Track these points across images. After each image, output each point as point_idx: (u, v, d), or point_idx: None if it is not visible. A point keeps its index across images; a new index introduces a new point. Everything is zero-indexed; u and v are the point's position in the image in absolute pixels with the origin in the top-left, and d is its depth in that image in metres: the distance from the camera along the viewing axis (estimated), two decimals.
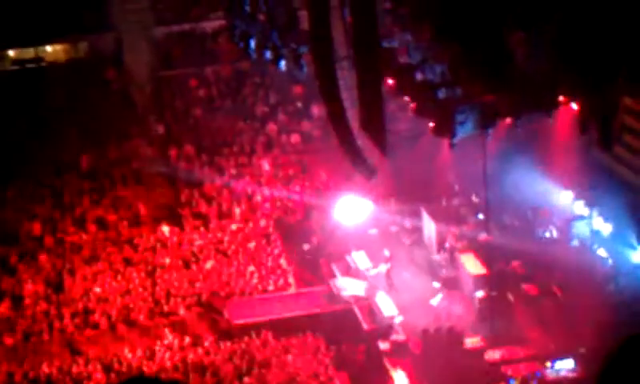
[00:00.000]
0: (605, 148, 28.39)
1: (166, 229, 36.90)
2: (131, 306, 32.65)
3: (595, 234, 33.67)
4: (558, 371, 27.71)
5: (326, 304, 32.56)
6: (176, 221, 37.42)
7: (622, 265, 31.73)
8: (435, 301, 31.29)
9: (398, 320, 30.50)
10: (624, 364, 3.97)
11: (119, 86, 42.33)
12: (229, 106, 42.43)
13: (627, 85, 24.64)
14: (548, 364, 27.79)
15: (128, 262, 35.00)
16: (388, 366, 28.63)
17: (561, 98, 24.27)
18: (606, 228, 33.27)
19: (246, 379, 29.02)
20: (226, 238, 36.32)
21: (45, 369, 30.10)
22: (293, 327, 31.36)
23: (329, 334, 31.05)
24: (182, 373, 29.39)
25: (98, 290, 33.34)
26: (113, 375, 29.40)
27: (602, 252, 32.78)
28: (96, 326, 31.93)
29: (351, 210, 35.42)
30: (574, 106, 25.04)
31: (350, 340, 30.64)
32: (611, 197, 32.61)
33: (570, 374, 27.56)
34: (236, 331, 31.50)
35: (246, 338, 31.02)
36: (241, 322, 31.81)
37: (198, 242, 36.12)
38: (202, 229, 36.93)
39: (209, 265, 34.76)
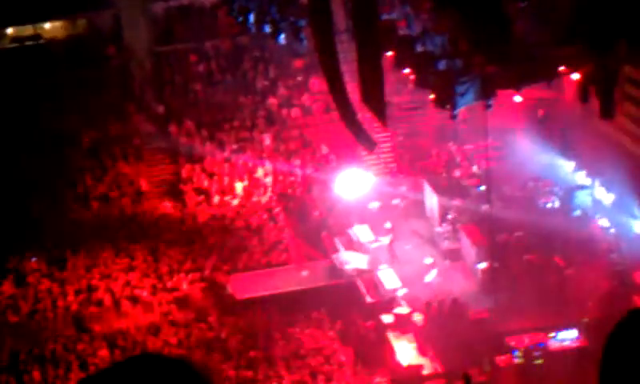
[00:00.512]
0: (606, 117, 28.35)
1: (168, 205, 36.95)
2: (135, 282, 32.72)
3: (597, 203, 33.68)
4: (561, 341, 27.73)
5: (329, 278, 32.61)
6: (178, 196, 37.46)
7: (624, 234, 31.74)
8: (429, 277, 31.26)
9: (402, 293, 30.53)
10: (628, 341, 3.94)
11: (118, 63, 42.23)
12: (229, 81, 42.35)
13: (628, 54, 24.60)
14: (551, 334, 27.80)
15: (131, 238, 35.04)
16: (392, 338, 28.67)
17: (561, 68, 24.22)
18: (607, 198, 33.26)
19: (251, 353, 29.07)
20: (228, 213, 36.36)
21: (49, 346, 30.18)
22: (296, 301, 31.40)
23: (332, 307, 31.11)
24: (186, 348, 29.46)
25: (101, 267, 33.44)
26: (117, 351, 29.47)
27: (603, 222, 32.79)
28: (100, 303, 31.99)
29: (353, 183, 35.43)
30: (575, 75, 25.00)
31: (354, 313, 30.70)
32: (613, 166, 32.59)
33: (573, 344, 27.58)
34: (240, 306, 31.54)
35: (249, 313, 31.07)
36: (244, 296, 31.87)
37: (200, 218, 36.17)
38: (203, 204, 36.96)
39: (211, 240, 34.81)
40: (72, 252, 34.21)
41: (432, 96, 24.17)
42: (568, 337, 27.73)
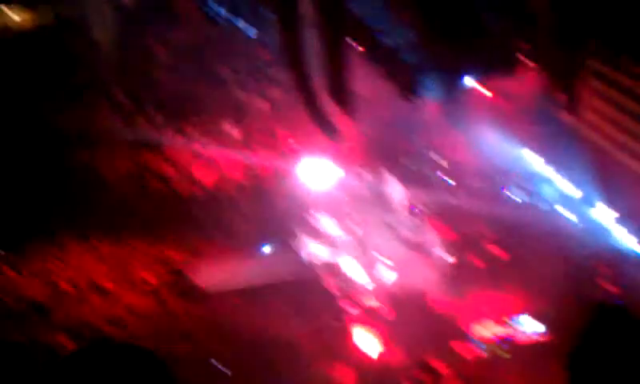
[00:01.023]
0: (570, 110, 28.48)
1: (131, 193, 36.70)
2: (97, 270, 32.48)
3: (562, 196, 33.79)
4: (526, 333, 27.86)
5: (293, 268, 32.53)
6: (141, 185, 37.20)
7: (589, 228, 31.89)
8: (390, 273, 31.20)
9: (366, 284, 30.51)
10: (595, 334, 3.89)
11: (83, 51, 41.87)
12: (194, 71, 42.10)
13: (597, 49, 24.71)
14: (515, 326, 27.91)
15: (93, 225, 34.75)
16: (356, 330, 28.66)
17: (525, 60, 24.29)
18: (572, 191, 33.38)
19: (217, 344, 28.99)
20: (192, 203, 36.18)
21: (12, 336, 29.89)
22: (259, 291, 31.31)
23: (295, 298, 31.05)
24: (151, 338, 29.31)
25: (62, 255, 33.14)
26: (80, 342, 29.27)
27: (568, 215, 32.92)
28: (62, 293, 31.70)
29: (317, 173, 35.34)
30: (540, 68, 25.07)
31: (317, 304, 30.67)
32: (579, 160, 32.71)
33: (539, 337, 27.72)
34: (203, 295, 31.40)
35: (213, 302, 30.94)
36: (208, 286, 31.74)
37: (163, 207, 35.98)
38: (167, 193, 36.74)
39: (175, 229, 34.63)
40: (31, 237, 33.84)
41: (397, 86, 24.18)
42: (531, 329, 27.86)
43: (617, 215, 31.05)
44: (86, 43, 42.02)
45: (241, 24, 32.21)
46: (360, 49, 25.86)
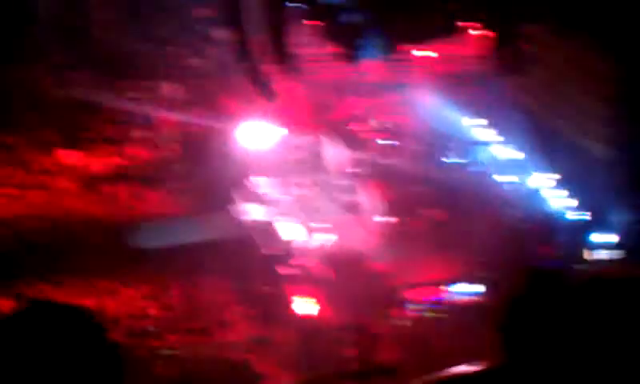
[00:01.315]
0: (508, 74, 28.56)
1: (67, 154, 36.31)
2: (30, 230, 32.16)
3: (498, 160, 34.01)
4: (457, 295, 28.07)
5: (227, 229, 32.43)
6: (75, 144, 36.78)
7: (523, 192, 32.15)
8: (318, 241, 31.14)
9: (300, 245, 30.50)
10: (528, 298, 3.84)
11: (19, 9, 41.16)
12: (130, 28, 41.58)
13: (534, 13, 24.75)
14: (448, 288, 28.12)
15: (25, 185, 34.35)
16: (289, 290, 28.67)
17: (465, 25, 24.28)
18: (508, 155, 33.60)
19: (150, 301, 28.92)
20: (128, 163, 35.89)
21: None
22: (193, 252, 31.19)
23: (229, 259, 30.98)
24: (86, 298, 29.07)
25: None
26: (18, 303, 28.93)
27: (503, 178, 33.14)
28: None
29: (253, 134, 35.17)
30: (479, 32, 25.06)
31: (252, 266, 30.62)
32: (514, 124, 32.90)
33: (469, 298, 27.94)
34: (138, 255, 31.21)
35: (148, 263, 30.77)
36: (143, 246, 31.54)
37: (100, 168, 35.64)
38: (103, 154, 36.38)
39: (109, 189, 34.35)
40: None
41: (336, 48, 24.06)
42: (464, 291, 28.09)
43: (552, 180, 31.32)
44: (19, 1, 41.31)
45: None
46: (299, 8, 25.67)
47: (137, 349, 26.56)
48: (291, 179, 34.22)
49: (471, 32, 25.39)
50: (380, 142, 35.24)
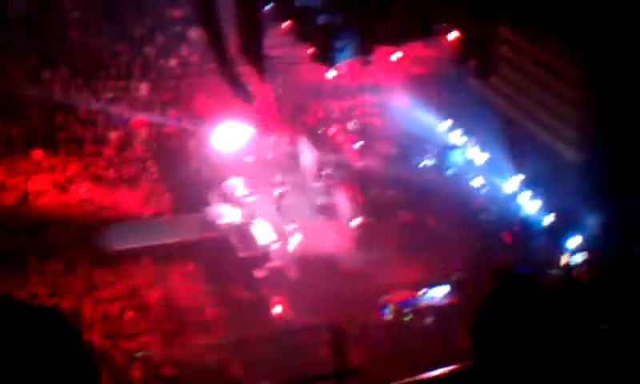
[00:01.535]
0: (481, 78, 28.73)
1: (39, 152, 36.20)
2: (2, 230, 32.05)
3: (470, 163, 34.18)
4: (431, 298, 28.16)
5: (202, 231, 32.46)
6: (50, 145, 36.69)
7: (495, 194, 32.31)
8: (293, 243, 31.18)
9: (275, 247, 30.54)
10: (497, 300, 3.96)
11: None
12: (105, 28, 41.50)
13: (509, 18, 24.92)
14: (422, 291, 28.20)
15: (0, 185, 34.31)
16: (266, 293, 28.72)
17: (440, 27, 24.41)
18: (480, 158, 33.77)
19: (123, 303, 28.86)
20: (101, 164, 35.82)
21: None
22: (168, 254, 31.17)
23: (205, 261, 31.00)
24: (56, 298, 29.02)
25: None
26: None
27: (476, 181, 33.31)
28: None
29: (229, 136, 35.19)
30: (453, 35, 25.22)
31: (227, 267, 30.63)
32: (486, 127, 33.08)
33: (443, 301, 28.04)
34: (111, 257, 31.15)
35: (123, 264, 30.72)
36: (116, 247, 31.51)
37: (73, 167, 35.56)
38: (76, 153, 36.31)
39: (84, 190, 34.28)
40: None
41: (311, 50, 24.14)
42: (438, 294, 28.17)
43: (522, 181, 31.49)
44: None
45: None
46: (274, 11, 25.72)
47: (112, 351, 26.52)
48: (266, 181, 34.29)
49: (445, 35, 25.51)
50: (355, 144, 35.36)
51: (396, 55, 25.65)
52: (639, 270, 25.21)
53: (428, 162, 35.14)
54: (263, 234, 31.12)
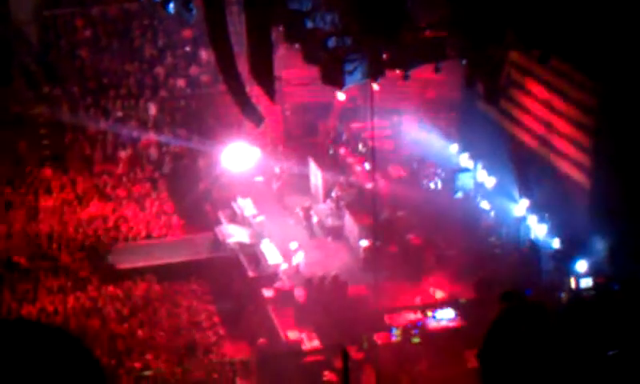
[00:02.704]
0: (490, 102, 28.77)
1: (48, 171, 36.31)
2: (12, 248, 32.12)
3: (479, 186, 34.15)
4: (439, 321, 28.13)
5: (211, 250, 32.50)
6: (60, 163, 36.81)
7: (503, 218, 32.27)
8: (296, 259, 31.15)
9: (283, 268, 30.55)
10: (505, 323, 3.98)
11: (3, 26, 41.16)
12: (116, 48, 41.66)
13: (514, 41, 24.95)
14: (429, 313, 28.17)
15: (9, 204, 34.35)
16: (272, 313, 28.71)
17: (449, 52, 24.46)
18: (489, 181, 33.75)
19: (130, 322, 28.87)
20: (111, 182, 35.91)
21: None
22: (177, 273, 31.22)
23: (213, 280, 31.03)
24: (62, 316, 29.04)
25: None
26: None
27: (484, 204, 33.29)
28: None
29: (238, 156, 35.22)
30: (462, 60, 25.27)
31: (235, 287, 30.65)
32: (495, 150, 33.08)
33: (451, 324, 28.00)
34: (119, 275, 31.19)
35: (129, 283, 30.75)
36: (124, 266, 31.56)
37: (82, 185, 35.65)
38: (86, 172, 36.42)
39: (92, 208, 34.35)
40: None
41: (321, 73, 24.19)
42: (445, 316, 28.14)
43: (529, 205, 31.45)
44: (4, 21, 41.30)
45: (163, 1, 31.50)
46: (285, 33, 25.79)
47: (119, 370, 26.52)
48: (276, 202, 34.31)
49: (455, 58, 25.55)
50: (364, 166, 35.39)
51: (406, 78, 25.68)
52: None
53: (437, 184, 35.14)
54: (272, 254, 31.13)
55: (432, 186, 35.18)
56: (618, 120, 26.85)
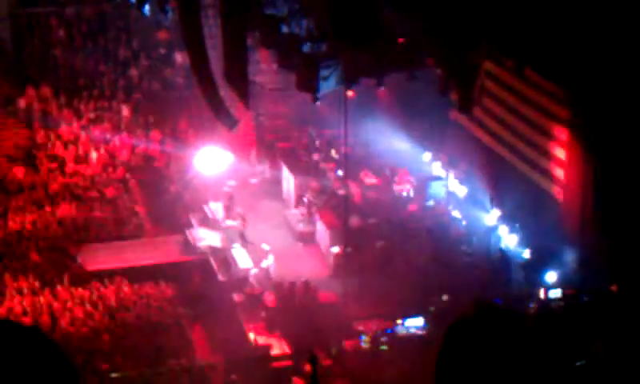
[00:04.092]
0: (463, 111, 28.85)
1: (19, 170, 36.12)
2: None
3: (451, 195, 34.28)
4: (408, 329, 28.16)
5: (182, 253, 32.45)
6: (31, 163, 36.63)
7: (475, 227, 32.39)
8: (266, 263, 31.13)
9: (253, 272, 30.54)
10: (469, 331, 3.96)
11: None
12: (90, 48, 41.48)
13: (490, 50, 25.05)
14: (399, 321, 28.21)
15: None
16: (241, 318, 28.70)
17: (424, 60, 24.53)
18: (461, 190, 33.88)
19: (99, 322, 28.78)
20: (82, 183, 35.75)
21: None
22: (147, 275, 31.13)
23: (184, 283, 30.98)
24: (31, 316, 28.88)
25: None
26: None
27: (456, 213, 33.41)
28: None
29: (211, 160, 35.20)
30: (437, 68, 25.34)
31: (205, 290, 30.60)
32: (468, 159, 33.20)
33: (420, 332, 28.04)
34: (89, 277, 31.07)
35: (99, 284, 30.63)
36: (94, 267, 31.45)
37: (53, 185, 35.48)
38: (57, 172, 36.24)
39: (63, 209, 34.21)
40: None
41: (295, 78, 24.20)
42: (415, 324, 28.18)
43: (500, 215, 31.59)
44: None
45: (138, 2, 31.35)
46: (260, 37, 25.80)
47: (86, 371, 26.38)
48: (244, 205, 34.28)
49: (429, 67, 25.61)
50: (337, 172, 35.43)
51: (380, 86, 25.75)
52: (612, 306, 25.39)
53: (409, 192, 35.22)
54: (242, 258, 31.12)
55: (404, 193, 35.26)
56: (590, 132, 26.99)
